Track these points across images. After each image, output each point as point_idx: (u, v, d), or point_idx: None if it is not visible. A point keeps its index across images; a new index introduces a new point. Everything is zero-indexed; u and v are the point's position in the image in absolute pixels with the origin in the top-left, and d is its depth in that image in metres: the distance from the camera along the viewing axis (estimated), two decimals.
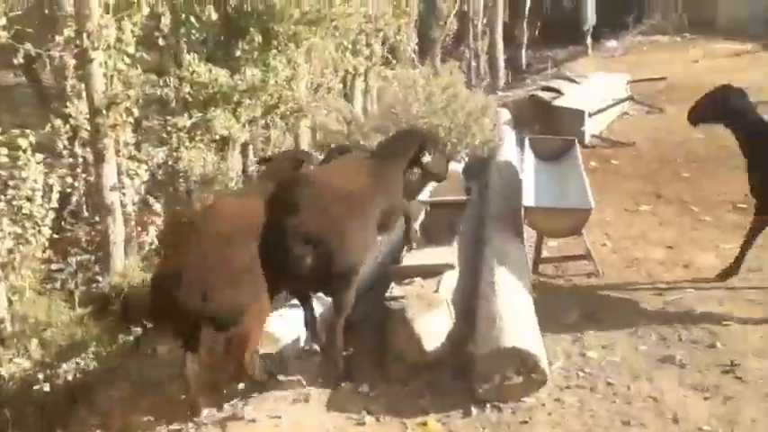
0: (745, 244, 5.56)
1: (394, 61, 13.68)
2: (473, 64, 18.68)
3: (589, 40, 17.74)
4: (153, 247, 6.71)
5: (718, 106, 5.45)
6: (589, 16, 17.48)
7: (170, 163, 7.27)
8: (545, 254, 6.20)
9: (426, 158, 5.03)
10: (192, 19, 7.42)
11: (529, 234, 6.26)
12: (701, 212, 7.33)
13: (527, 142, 7.81)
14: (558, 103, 10.12)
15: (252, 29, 7.76)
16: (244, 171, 8.32)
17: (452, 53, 21.38)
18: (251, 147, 8.58)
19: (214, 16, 7.54)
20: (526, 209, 6.00)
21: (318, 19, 8.38)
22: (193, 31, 7.52)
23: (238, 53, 7.79)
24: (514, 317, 4.49)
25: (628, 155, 9.45)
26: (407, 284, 5.16)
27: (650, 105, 11.30)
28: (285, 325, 4.76)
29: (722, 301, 5.40)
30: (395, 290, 5.07)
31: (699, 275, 5.87)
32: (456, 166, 7.36)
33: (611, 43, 18.63)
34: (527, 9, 18.95)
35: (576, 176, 6.57)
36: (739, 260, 5.60)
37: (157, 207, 6.95)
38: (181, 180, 7.35)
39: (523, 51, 19.53)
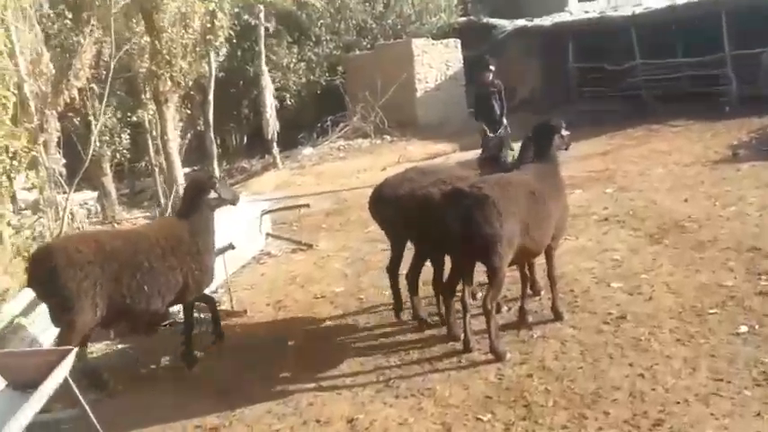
0: None
1: None
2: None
3: (275, 150, 15.08)
4: None
5: None
6: (271, 122, 14.88)
7: None
8: None
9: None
10: None
11: None
12: None
13: None
14: None
15: None
16: None
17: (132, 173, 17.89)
18: None
19: None
20: None
21: None
22: None
23: None
24: None
25: (236, 336, 6.19)
26: None
27: (296, 241, 8.48)
28: None
29: None
30: None
31: None
32: None
33: (308, 150, 16.26)
34: (210, 117, 15.95)
35: None
36: None
37: None
38: None
39: (215, 165, 16.47)
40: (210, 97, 16.09)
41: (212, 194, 5.50)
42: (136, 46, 14.44)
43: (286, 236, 8.67)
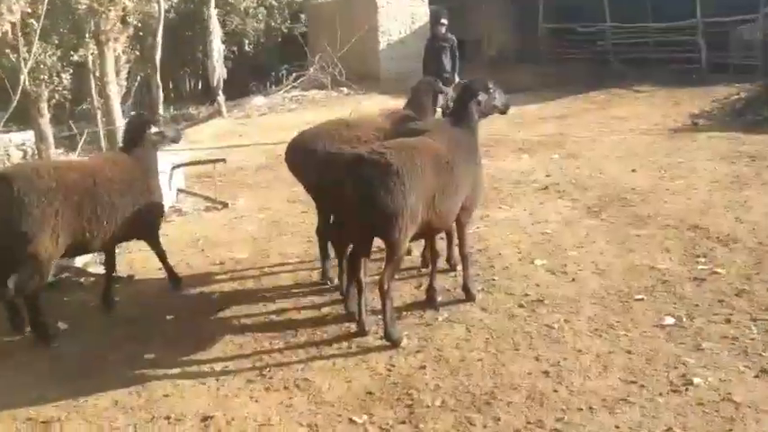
0: None
1: None
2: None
3: (221, 98, 14.13)
4: None
5: None
6: (218, 69, 13.89)
7: None
8: None
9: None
10: None
11: None
12: None
13: None
14: None
15: None
16: None
17: (72, 115, 16.83)
18: None
19: None
20: None
21: None
22: None
23: None
24: None
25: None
26: None
27: (210, 198, 7.69)
28: None
29: None
30: None
31: None
32: None
33: (258, 100, 15.32)
34: (157, 60, 14.83)
35: None
36: None
37: None
38: None
39: (160, 110, 15.43)
40: (159, 39, 14.95)
41: (154, 130, 5.28)
42: None
43: (199, 192, 7.89)
